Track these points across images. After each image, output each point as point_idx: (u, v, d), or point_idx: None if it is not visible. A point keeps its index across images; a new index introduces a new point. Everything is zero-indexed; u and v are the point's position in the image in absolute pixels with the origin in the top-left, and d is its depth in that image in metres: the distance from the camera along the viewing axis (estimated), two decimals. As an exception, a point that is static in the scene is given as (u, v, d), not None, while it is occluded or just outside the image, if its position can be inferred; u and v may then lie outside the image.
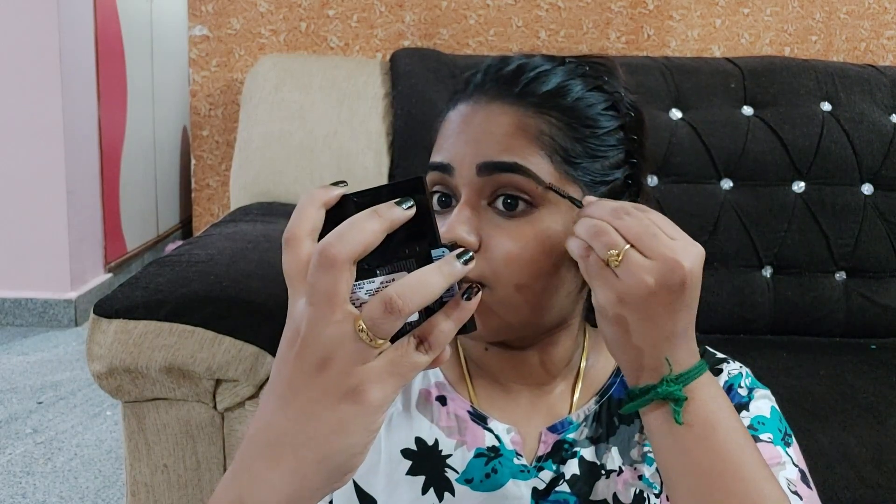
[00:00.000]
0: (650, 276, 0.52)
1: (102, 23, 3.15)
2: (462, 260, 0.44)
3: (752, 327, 1.58)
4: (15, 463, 1.96)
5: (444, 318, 0.45)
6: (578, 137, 0.63)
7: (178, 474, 1.07)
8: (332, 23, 2.00)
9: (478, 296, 0.46)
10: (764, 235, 1.59)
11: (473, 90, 0.65)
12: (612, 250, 0.53)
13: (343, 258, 0.42)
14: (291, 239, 0.46)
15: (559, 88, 0.64)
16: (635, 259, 0.53)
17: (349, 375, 0.44)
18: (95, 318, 1.02)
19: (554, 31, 2.03)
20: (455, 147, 0.63)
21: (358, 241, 0.43)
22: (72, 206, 2.94)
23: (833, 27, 2.08)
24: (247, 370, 1.02)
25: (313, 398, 0.44)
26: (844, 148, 1.61)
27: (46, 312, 2.95)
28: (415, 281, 0.43)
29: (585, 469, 0.66)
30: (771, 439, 0.64)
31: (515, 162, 0.60)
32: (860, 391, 1.28)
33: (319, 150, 1.62)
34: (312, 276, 0.43)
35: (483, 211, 0.62)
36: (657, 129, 1.59)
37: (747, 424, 0.65)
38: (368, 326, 0.43)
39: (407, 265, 0.45)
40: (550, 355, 0.68)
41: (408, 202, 0.44)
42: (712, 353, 0.73)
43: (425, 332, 0.45)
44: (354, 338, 0.43)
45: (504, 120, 0.62)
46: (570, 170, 0.62)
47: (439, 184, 0.64)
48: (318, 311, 0.43)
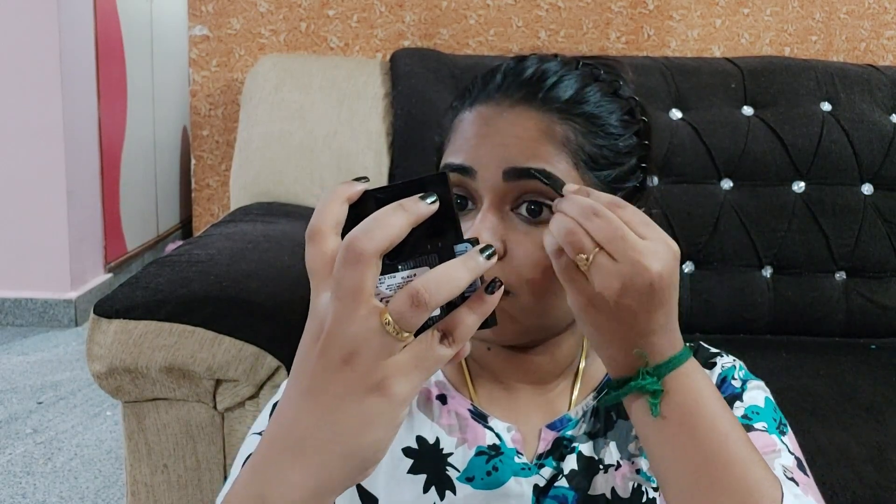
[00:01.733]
0: (617, 281, 0.52)
1: (102, 23, 3.15)
2: (485, 254, 0.45)
3: (752, 327, 1.58)
4: (15, 463, 1.96)
5: (468, 312, 0.45)
6: (601, 144, 0.64)
7: (178, 474, 1.07)
8: (332, 23, 2.00)
9: (500, 289, 0.46)
10: (764, 235, 1.59)
11: (494, 91, 0.65)
12: (581, 254, 0.53)
13: (370, 252, 0.42)
14: (315, 233, 0.46)
15: (581, 95, 0.64)
16: (603, 263, 0.52)
17: (375, 369, 0.44)
18: (95, 318, 1.02)
19: (554, 31, 2.03)
20: (478, 150, 0.63)
21: (384, 235, 0.43)
22: (72, 206, 2.94)
23: (833, 27, 2.08)
24: (247, 370, 1.02)
25: (339, 393, 0.44)
26: (844, 148, 1.61)
27: (46, 312, 2.95)
28: (440, 275, 0.43)
29: (584, 464, 0.66)
30: (765, 428, 0.64)
31: (543, 169, 0.60)
32: (860, 391, 1.28)
33: (319, 150, 1.62)
34: (339, 270, 0.43)
35: (506, 216, 0.62)
36: (657, 129, 1.59)
37: (741, 414, 0.65)
38: (395, 319, 0.43)
39: (429, 260, 0.45)
40: (555, 356, 0.68)
41: (432, 197, 0.44)
42: (706, 347, 0.73)
43: (449, 325, 0.45)
44: (381, 331, 0.43)
45: (531, 125, 0.62)
46: (592, 177, 0.63)
47: (456, 185, 0.64)
48: (344, 305, 0.43)
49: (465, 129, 0.65)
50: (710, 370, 0.70)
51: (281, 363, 1.04)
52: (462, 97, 0.69)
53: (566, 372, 0.70)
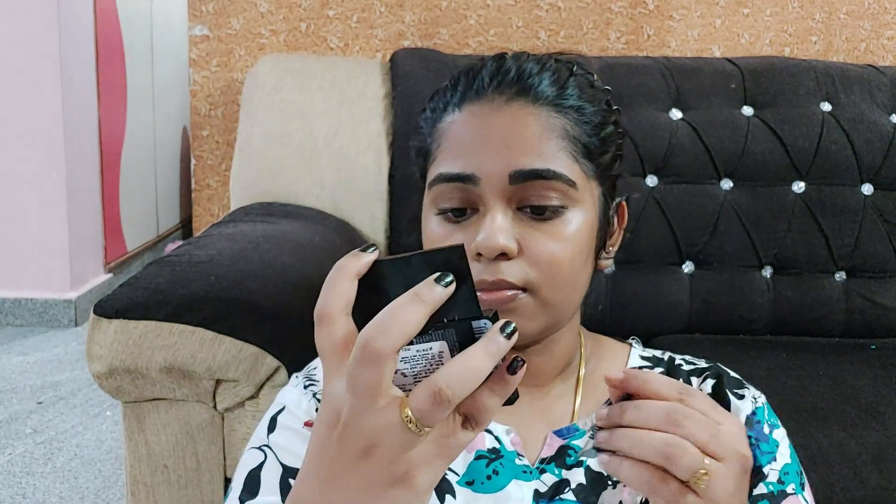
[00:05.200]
0: (732, 483, 0.49)
1: (102, 23, 3.15)
2: (506, 333, 0.43)
3: (752, 327, 1.58)
4: (15, 463, 1.96)
5: (490, 395, 0.43)
6: (592, 134, 0.64)
7: (178, 474, 1.07)
8: (332, 23, 2.00)
9: (523, 369, 0.44)
10: (764, 235, 1.59)
11: (483, 90, 0.64)
12: (700, 470, 0.48)
13: (387, 352, 0.41)
14: (325, 316, 0.44)
15: (565, 89, 0.64)
16: (719, 472, 0.48)
17: (397, 462, 0.42)
18: (95, 318, 1.02)
19: (554, 31, 2.03)
20: (479, 154, 0.62)
21: (401, 332, 0.41)
22: (72, 206, 2.94)
23: (833, 27, 2.08)
24: (247, 370, 1.02)
25: (360, 486, 0.43)
26: (844, 148, 1.61)
27: (46, 312, 2.95)
28: (462, 369, 0.41)
29: (592, 478, 0.65)
30: (794, 490, 0.64)
31: (549, 168, 0.61)
32: (860, 391, 1.28)
33: (319, 150, 1.62)
34: (355, 368, 0.42)
35: (513, 215, 0.62)
36: (657, 129, 1.59)
37: (776, 479, 0.64)
38: (417, 418, 0.41)
39: (446, 335, 0.44)
40: (553, 354, 0.68)
41: (447, 278, 0.42)
42: (726, 371, 0.72)
43: (472, 409, 0.43)
44: (401, 426, 0.41)
45: (530, 120, 0.62)
46: (588, 167, 0.64)
47: (456, 195, 0.63)
48: (361, 400, 0.42)
49: (458, 131, 0.64)
50: (740, 401, 0.69)
51: (281, 363, 1.03)
52: (442, 98, 0.67)
53: (563, 374, 0.70)
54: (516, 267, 0.61)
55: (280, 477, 0.64)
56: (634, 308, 1.55)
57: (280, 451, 0.66)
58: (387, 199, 1.62)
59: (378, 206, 1.62)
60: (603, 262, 0.69)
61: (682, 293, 1.57)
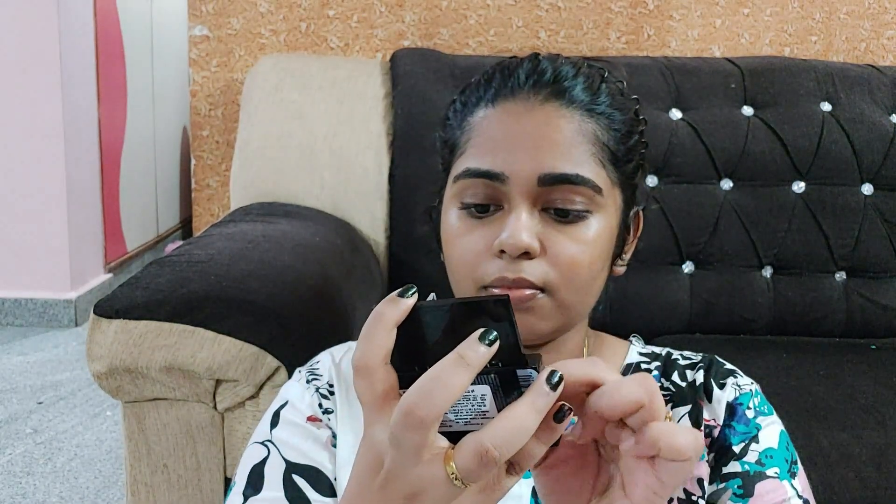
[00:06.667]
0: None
1: (102, 23, 3.15)
2: (553, 383, 0.42)
3: (752, 327, 1.58)
4: (15, 463, 1.96)
5: (535, 443, 0.43)
6: (620, 141, 0.65)
7: (178, 474, 1.07)
8: (332, 23, 2.00)
9: (569, 416, 0.43)
10: (764, 235, 1.59)
11: (518, 88, 0.64)
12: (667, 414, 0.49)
13: (431, 419, 0.41)
14: (364, 368, 0.44)
15: (597, 94, 0.65)
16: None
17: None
18: (95, 318, 1.02)
19: (554, 31, 2.03)
20: (510, 154, 0.62)
21: (444, 398, 0.40)
22: (72, 206, 2.94)
23: (833, 27, 2.08)
24: (247, 370, 1.02)
25: None
26: (844, 148, 1.61)
27: (46, 312, 2.95)
28: (509, 426, 0.41)
29: None
30: (777, 473, 0.64)
31: (578, 173, 0.61)
32: (860, 391, 1.27)
33: (319, 150, 1.62)
34: (399, 431, 0.41)
35: (538, 215, 0.62)
36: (657, 129, 1.59)
37: (755, 459, 0.64)
38: (463, 476, 0.41)
39: (490, 381, 0.43)
40: (559, 352, 0.68)
41: (491, 335, 0.41)
42: (720, 363, 0.73)
43: (517, 457, 0.43)
44: (446, 481, 0.41)
45: (562, 124, 0.62)
46: (613, 173, 0.64)
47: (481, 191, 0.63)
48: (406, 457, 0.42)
49: (490, 127, 0.64)
50: (721, 390, 0.69)
51: (281, 363, 1.03)
52: (475, 93, 0.67)
53: None
54: (537, 266, 0.61)
55: (283, 473, 0.65)
56: (635, 308, 1.55)
57: (283, 446, 0.66)
58: (387, 198, 1.62)
59: (378, 206, 1.62)
60: (618, 268, 0.70)
61: (682, 293, 1.57)
